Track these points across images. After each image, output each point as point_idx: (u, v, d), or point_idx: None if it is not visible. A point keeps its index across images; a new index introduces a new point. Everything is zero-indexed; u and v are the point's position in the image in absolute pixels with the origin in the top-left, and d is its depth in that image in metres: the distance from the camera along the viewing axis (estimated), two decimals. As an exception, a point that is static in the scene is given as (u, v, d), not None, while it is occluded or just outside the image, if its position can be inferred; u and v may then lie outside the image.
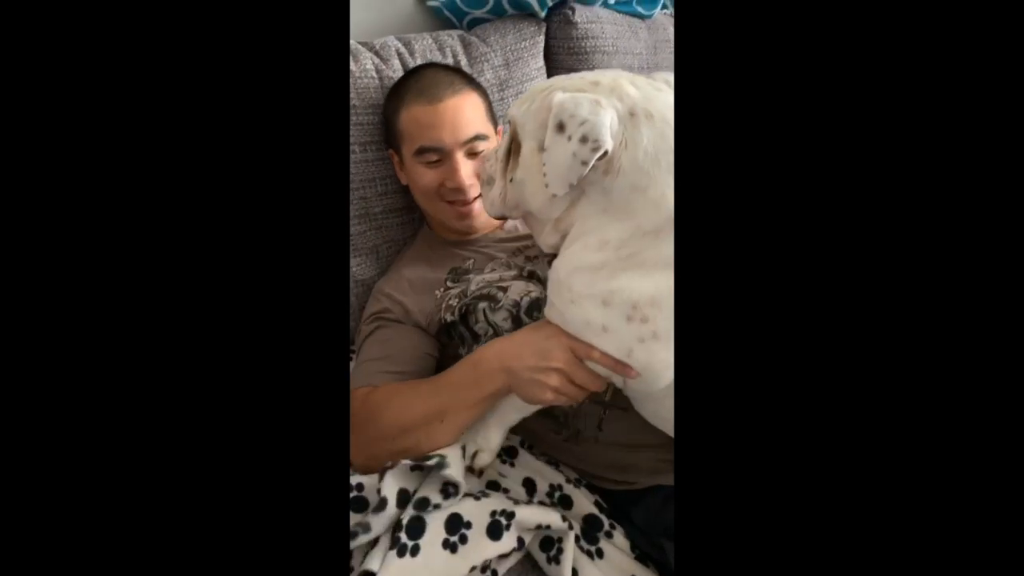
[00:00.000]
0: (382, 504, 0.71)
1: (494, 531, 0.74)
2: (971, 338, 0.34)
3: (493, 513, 0.75)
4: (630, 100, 0.63)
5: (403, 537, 0.70)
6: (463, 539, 0.72)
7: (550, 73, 1.28)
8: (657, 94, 0.65)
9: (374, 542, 0.71)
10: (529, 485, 0.88)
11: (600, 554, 0.80)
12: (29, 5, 0.36)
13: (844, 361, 0.36)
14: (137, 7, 0.39)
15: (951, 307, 0.34)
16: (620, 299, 0.65)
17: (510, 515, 0.75)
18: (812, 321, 0.37)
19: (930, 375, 0.35)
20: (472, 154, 0.98)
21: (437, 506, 0.74)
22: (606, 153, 0.61)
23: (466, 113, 0.97)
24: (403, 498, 0.73)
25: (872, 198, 0.36)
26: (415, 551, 0.70)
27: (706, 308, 0.39)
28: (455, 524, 0.73)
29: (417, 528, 0.71)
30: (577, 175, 0.61)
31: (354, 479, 0.76)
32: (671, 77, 0.70)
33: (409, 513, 0.72)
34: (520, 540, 0.76)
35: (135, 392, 0.39)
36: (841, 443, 0.36)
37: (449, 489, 0.75)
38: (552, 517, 0.77)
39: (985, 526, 0.33)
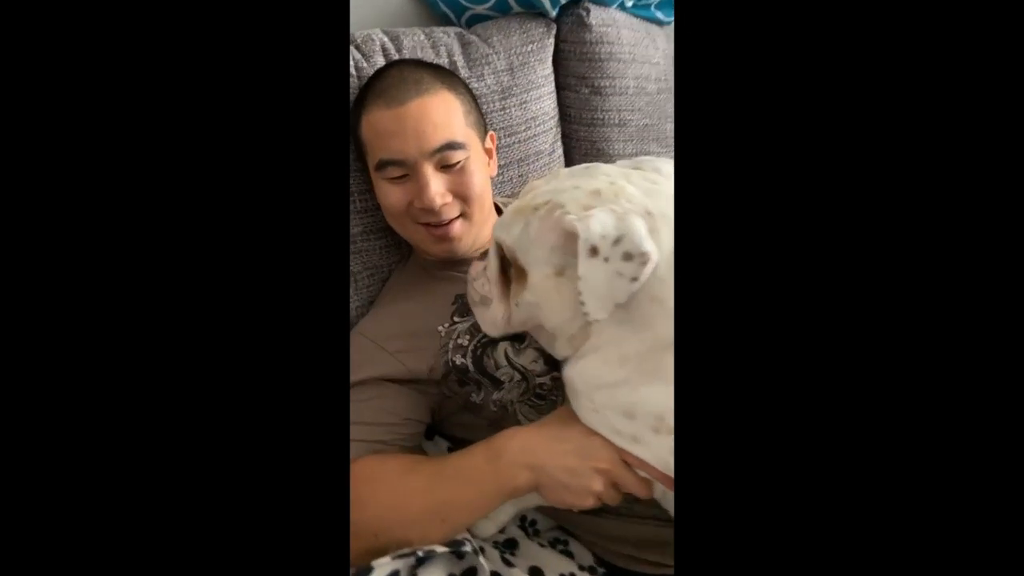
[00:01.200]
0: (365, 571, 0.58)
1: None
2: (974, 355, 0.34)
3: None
4: (639, 202, 0.59)
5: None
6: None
7: (559, 81, 1.14)
8: (655, 188, 0.62)
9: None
10: (536, 574, 0.71)
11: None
12: (29, 5, 0.37)
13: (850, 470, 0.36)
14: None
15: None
16: (644, 411, 0.61)
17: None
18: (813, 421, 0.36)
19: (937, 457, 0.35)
20: (445, 166, 0.81)
21: None
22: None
23: (434, 117, 0.80)
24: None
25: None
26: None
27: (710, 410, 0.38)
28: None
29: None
30: (626, 293, 0.56)
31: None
32: (660, 163, 0.67)
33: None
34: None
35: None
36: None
37: None
38: None
39: (987, 529, 0.33)
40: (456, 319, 0.81)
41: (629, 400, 0.61)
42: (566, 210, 0.59)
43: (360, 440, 0.73)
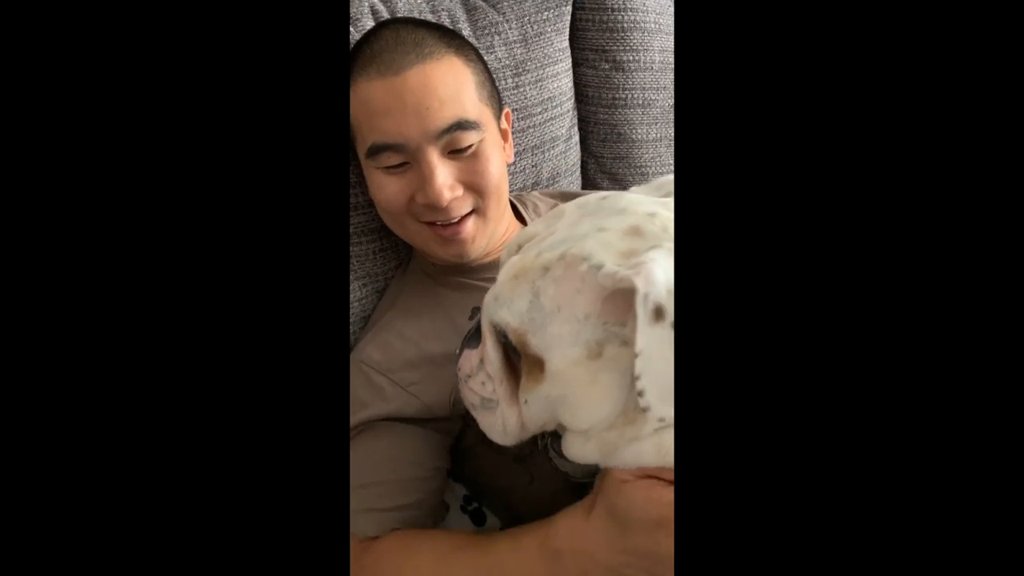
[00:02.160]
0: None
1: None
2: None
3: None
4: None
5: None
6: None
7: (575, 56, 0.99)
8: None
9: None
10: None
11: None
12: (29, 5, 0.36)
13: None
14: None
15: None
16: None
17: None
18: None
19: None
20: (454, 151, 0.66)
21: None
22: None
23: (439, 89, 0.64)
24: None
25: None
26: None
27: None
28: None
29: None
30: None
31: None
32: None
33: None
34: None
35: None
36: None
37: None
38: None
39: (986, 527, 0.33)
40: None
41: None
42: (597, 261, 0.43)
43: (380, 509, 0.58)
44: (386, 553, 0.55)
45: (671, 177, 0.53)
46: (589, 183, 1.06)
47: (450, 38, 0.70)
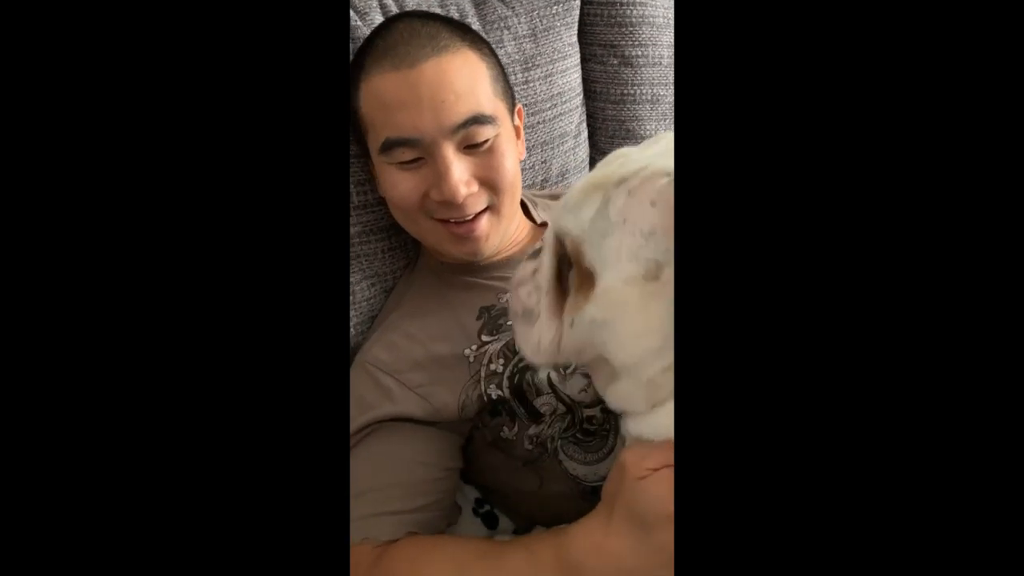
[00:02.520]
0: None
1: None
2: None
3: None
4: None
5: None
6: None
7: (583, 52, 0.98)
8: None
9: None
10: None
11: None
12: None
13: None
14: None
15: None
16: None
17: None
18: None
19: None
20: (470, 146, 0.64)
21: None
22: None
23: (455, 83, 0.62)
24: None
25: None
26: None
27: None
28: None
29: None
30: None
31: None
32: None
33: None
34: None
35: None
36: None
37: None
38: None
39: (986, 527, 0.33)
40: (485, 338, 0.65)
41: None
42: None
43: (395, 512, 0.56)
44: (399, 563, 0.54)
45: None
46: (597, 180, 1.04)
47: (464, 31, 0.68)
